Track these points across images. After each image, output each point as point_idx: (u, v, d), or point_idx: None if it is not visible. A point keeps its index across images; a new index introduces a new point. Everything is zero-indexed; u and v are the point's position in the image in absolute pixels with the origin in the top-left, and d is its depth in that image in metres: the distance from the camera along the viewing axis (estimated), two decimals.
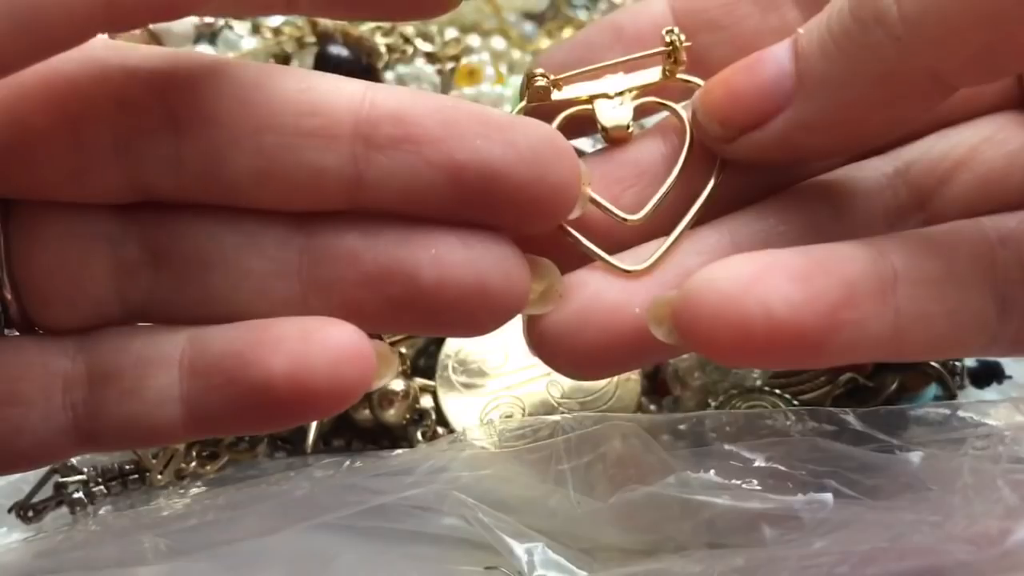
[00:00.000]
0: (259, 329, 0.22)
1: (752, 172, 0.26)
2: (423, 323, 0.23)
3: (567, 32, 0.51)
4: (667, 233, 0.26)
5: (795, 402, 0.38)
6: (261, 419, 0.23)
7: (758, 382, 0.39)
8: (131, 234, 0.23)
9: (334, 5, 0.24)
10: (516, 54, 0.50)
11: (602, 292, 0.25)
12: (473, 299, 0.23)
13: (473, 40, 0.49)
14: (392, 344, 0.39)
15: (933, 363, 0.39)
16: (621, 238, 0.27)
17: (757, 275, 0.21)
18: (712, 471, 0.29)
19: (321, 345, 0.21)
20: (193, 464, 0.38)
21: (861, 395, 0.38)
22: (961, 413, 0.30)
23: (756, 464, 0.29)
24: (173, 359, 0.23)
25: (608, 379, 0.39)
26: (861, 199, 0.27)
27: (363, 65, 0.45)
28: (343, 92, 0.23)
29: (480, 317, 0.23)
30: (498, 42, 0.49)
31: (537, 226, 0.24)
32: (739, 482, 0.29)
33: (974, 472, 0.26)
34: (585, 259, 0.27)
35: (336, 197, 0.23)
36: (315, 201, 0.23)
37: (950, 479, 0.26)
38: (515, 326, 0.40)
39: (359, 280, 0.23)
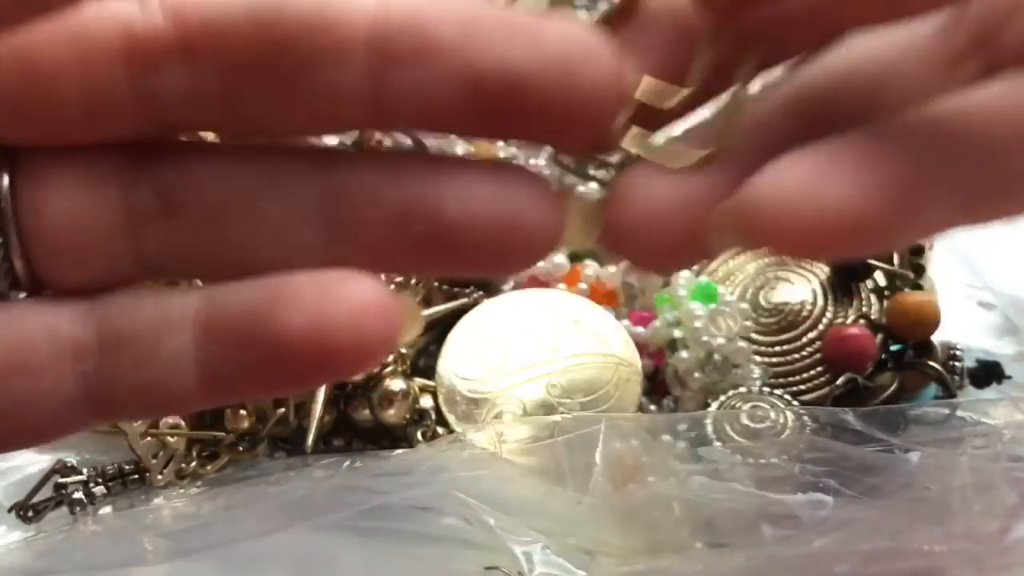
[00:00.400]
0: (274, 285, 0.21)
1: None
2: (452, 262, 0.22)
3: None
4: None
5: (795, 403, 0.38)
6: (279, 380, 0.22)
7: (758, 382, 0.39)
8: (144, 179, 0.22)
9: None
10: None
11: (661, 193, 0.23)
12: (503, 235, 0.21)
13: None
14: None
15: (933, 363, 0.39)
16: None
17: (820, 173, 0.20)
18: (712, 471, 0.29)
19: (341, 300, 0.20)
20: (193, 464, 0.38)
21: (860, 395, 0.38)
22: (960, 412, 0.30)
23: (756, 464, 0.29)
24: (187, 320, 0.22)
25: (608, 379, 0.39)
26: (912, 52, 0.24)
27: None
28: (355, 2, 0.21)
29: (512, 254, 0.22)
30: None
31: (573, 139, 0.22)
32: (738, 482, 0.29)
33: (973, 471, 0.26)
34: None
35: (355, 119, 0.22)
36: (332, 125, 0.22)
37: (949, 478, 0.26)
38: (515, 329, 0.40)
39: (381, 220, 0.21)
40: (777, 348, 0.41)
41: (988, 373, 0.40)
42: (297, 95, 0.21)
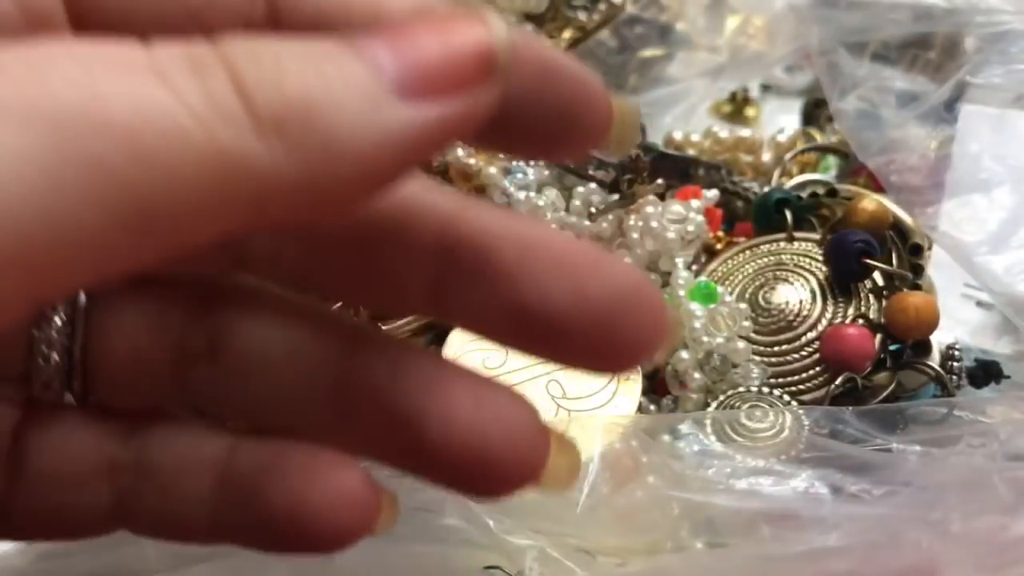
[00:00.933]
0: (275, 454, 0.22)
1: None
2: (429, 477, 0.22)
3: (567, 33, 0.51)
4: None
5: (793, 403, 0.38)
6: (267, 545, 0.22)
7: (756, 382, 0.39)
8: (199, 321, 0.23)
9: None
10: None
11: None
12: (477, 465, 0.21)
13: None
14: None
15: (931, 364, 0.39)
16: None
17: None
18: (711, 470, 0.29)
19: (323, 486, 0.21)
20: None
21: (859, 394, 0.38)
22: (958, 411, 0.30)
23: (754, 463, 0.29)
24: (210, 465, 0.23)
25: (607, 379, 0.39)
26: None
27: None
28: (437, 202, 0.22)
29: (484, 485, 0.21)
30: None
31: (607, 371, 0.24)
32: (737, 481, 0.29)
33: (971, 469, 0.26)
34: None
35: (414, 307, 0.23)
36: (393, 308, 0.24)
37: (947, 476, 0.26)
38: None
39: (376, 420, 0.22)
40: (776, 348, 0.41)
41: (987, 373, 0.40)
42: (368, 278, 0.22)
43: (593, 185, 0.45)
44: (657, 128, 0.55)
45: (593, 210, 0.45)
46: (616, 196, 0.45)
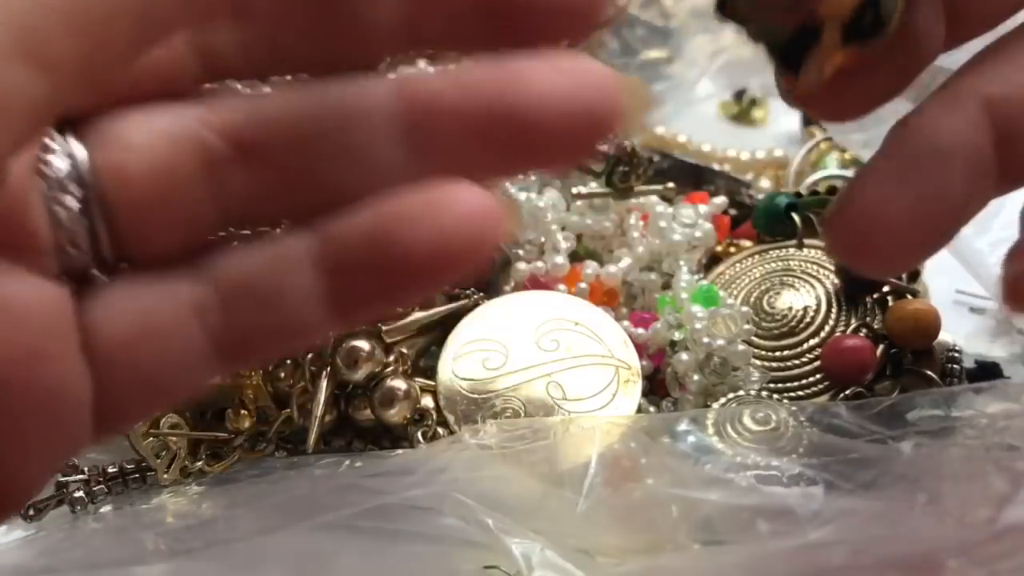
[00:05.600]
0: (390, 209, 0.22)
1: None
2: (532, 158, 0.22)
3: None
4: None
5: (794, 408, 0.38)
6: (407, 292, 0.22)
7: (756, 386, 0.39)
8: (212, 124, 0.22)
9: None
10: None
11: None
12: (579, 119, 0.21)
13: None
14: (390, 344, 0.39)
15: (932, 369, 0.39)
16: None
17: None
18: (707, 466, 0.29)
19: (454, 211, 0.21)
20: (199, 464, 0.38)
21: (861, 399, 0.38)
22: (953, 407, 0.30)
23: (750, 459, 0.29)
24: (303, 258, 0.22)
25: (607, 380, 0.39)
26: None
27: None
28: None
29: (585, 138, 0.21)
30: None
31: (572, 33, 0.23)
32: (734, 477, 0.29)
33: (965, 460, 0.26)
34: None
35: (387, 48, 0.23)
36: (368, 56, 0.23)
37: (941, 468, 0.26)
38: (515, 329, 0.40)
39: (462, 129, 0.22)
40: (777, 353, 0.41)
41: (987, 374, 0.40)
42: (334, 32, 0.22)
43: (594, 185, 0.45)
44: (653, 121, 0.55)
45: (581, 190, 0.45)
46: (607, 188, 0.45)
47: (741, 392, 0.39)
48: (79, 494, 0.37)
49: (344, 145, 0.22)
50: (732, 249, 0.46)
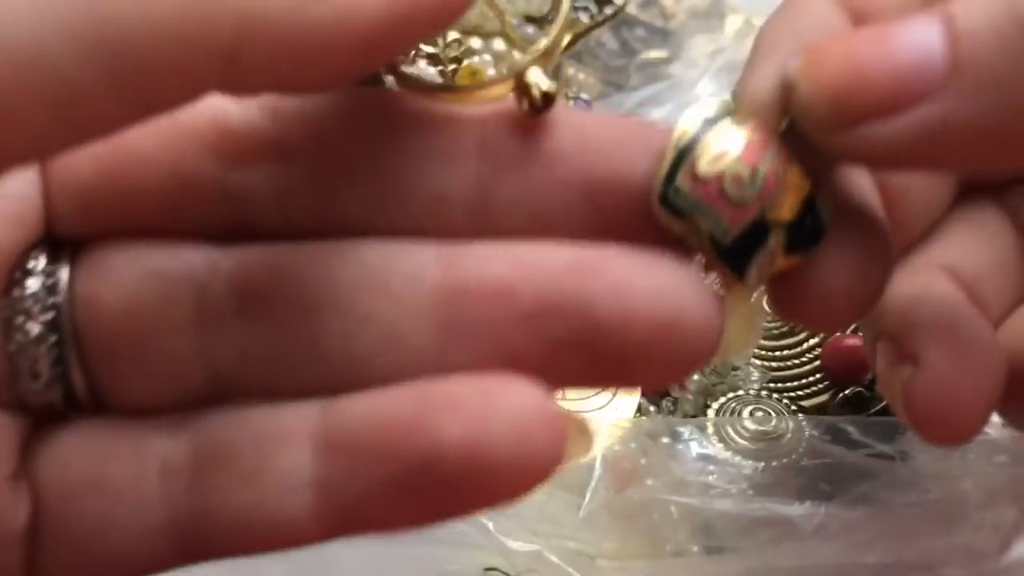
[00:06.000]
0: (420, 391, 0.18)
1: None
2: (599, 371, 0.18)
3: (567, 35, 0.51)
4: None
5: (793, 407, 0.38)
6: (420, 505, 0.17)
7: (756, 385, 0.39)
8: (220, 272, 0.19)
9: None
10: (518, 56, 0.50)
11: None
12: (664, 340, 0.17)
13: (475, 42, 0.49)
14: None
15: None
16: None
17: None
18: (711, 476, 0.29)
19: (503, 408, 0.17)
20: None
21: (860, 400, 0.38)
22: None
23: (754, 469, 0.29)
24: (304, 434, 0.18)
25: None
26: None
27: None
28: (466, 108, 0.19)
29: (672, 362, 0.18)
30: (499, 44, 0.50)
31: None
32: (737, 487, 0.29)
33: (975, 482, 0.26)
34: None
35: (458, 225, 0.19)
36: (433, 231, 0.19)
37: (950, 488, 0.26)
38: None
39: (513, 319, 0.18)
40: (777, 353, 0.41)
41: None
42: (400, 195, 0.19)
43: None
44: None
45: None
46: None
47: (741, 391, 0.39)
48: None
49: (363, 314, 0.18)
50: None
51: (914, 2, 0.21)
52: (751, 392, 0.39)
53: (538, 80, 0.19)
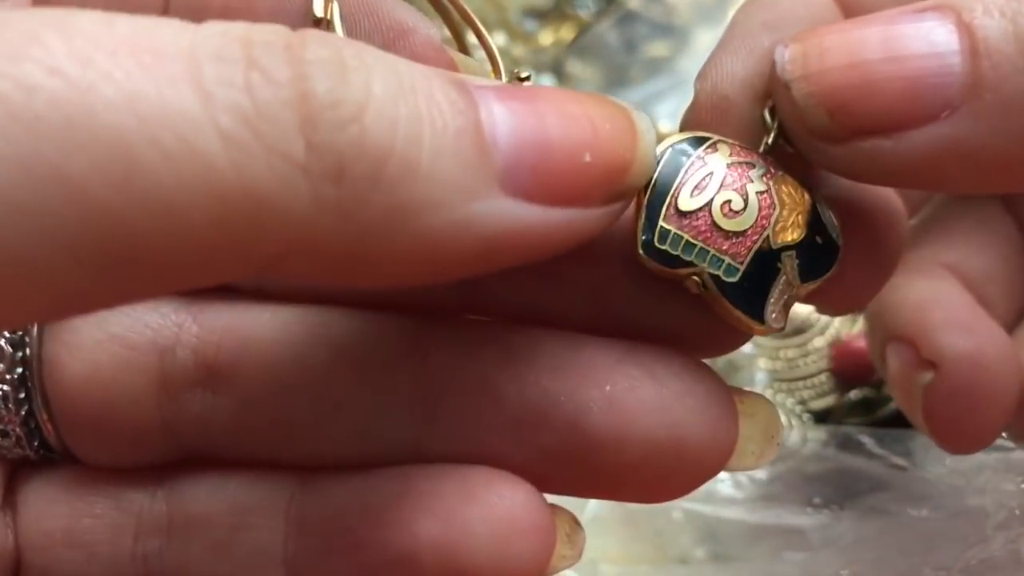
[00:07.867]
0: (399, 479, 0.17)
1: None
2: (586, 484, 0.17)
3: (568, 28, 0.51)
4: None
5: (800, 409, 0.37)
6: None
7: (761, 386, 0.39)
8: (186, 336, 0.18)
9: None
10: (519, 49, 0.50)
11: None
12: (663, 459, 0.16)
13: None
14: None
15: None
16: None
17: None
18: (718, 482, 0.29)
19: (485, 507, 0.16)
20: None
21: (868, 402, 0.38)
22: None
23: (762, 476, 0.29)
24: (277, 509, 0.17)
25: None
26: None
27: None
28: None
29: (668, 483, 0.17)
30: (500, 37, 0.49)
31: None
32: (744, 494, 0.28)
33: (993, 500, 0.25)
34: None
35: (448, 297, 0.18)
36: (425, 302, 0.18)
37: (965, 504, 0.26)
38: None
39: (500, 424, 0.17)
40: (782, 353, 0.40)
41: None
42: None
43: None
44: (656, 118, 0.54)
45: None
46: None
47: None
48: None
49: (337, 404, 0.18)
50: None
51: None
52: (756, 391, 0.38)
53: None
